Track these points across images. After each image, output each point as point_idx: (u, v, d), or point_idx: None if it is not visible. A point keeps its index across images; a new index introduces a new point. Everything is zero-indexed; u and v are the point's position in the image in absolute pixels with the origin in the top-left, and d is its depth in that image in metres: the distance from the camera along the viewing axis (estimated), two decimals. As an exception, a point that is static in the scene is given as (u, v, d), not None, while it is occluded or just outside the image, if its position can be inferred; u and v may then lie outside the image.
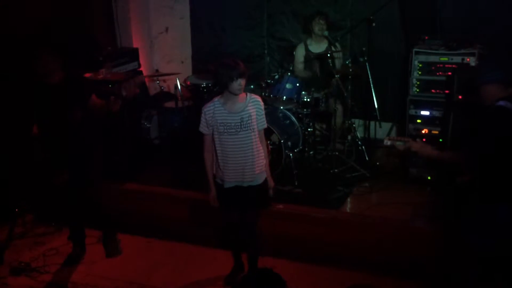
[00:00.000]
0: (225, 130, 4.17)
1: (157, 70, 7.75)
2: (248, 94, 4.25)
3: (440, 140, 5.65)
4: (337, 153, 6.10)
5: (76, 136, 4.73)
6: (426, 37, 5.86)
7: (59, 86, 4.62)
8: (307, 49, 6.53)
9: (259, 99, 4.27)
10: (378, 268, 4.75)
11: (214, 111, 4.19)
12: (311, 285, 4.71)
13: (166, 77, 7.25)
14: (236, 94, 4.13)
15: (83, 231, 5.28)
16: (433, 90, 5.70)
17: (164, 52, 7.96)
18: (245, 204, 4.37)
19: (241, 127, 4.16)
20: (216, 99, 4.23)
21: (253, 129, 4.19)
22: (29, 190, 5.86)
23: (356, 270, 4.81)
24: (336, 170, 5.97)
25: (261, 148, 4.29)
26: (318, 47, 6.50)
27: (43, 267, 5.07)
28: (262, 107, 4.25)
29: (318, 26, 6.37)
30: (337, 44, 6.42)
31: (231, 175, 4.27)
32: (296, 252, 4.90)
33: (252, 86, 5.99)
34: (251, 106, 4.18)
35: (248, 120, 4.16)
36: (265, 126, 4.30)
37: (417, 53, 5.68)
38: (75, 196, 4.96)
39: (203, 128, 4.25)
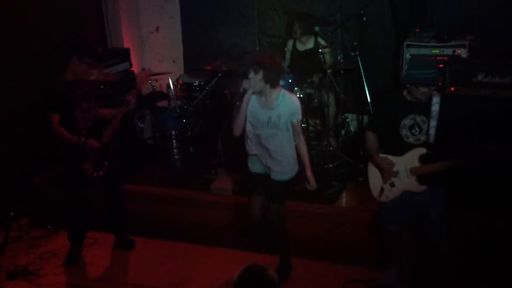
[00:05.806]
0: (254, 123, 4.31)
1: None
2: (283, 91, 4.29)
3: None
4: (331, 148, 6.11)
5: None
6: (417, 30, 5.85)
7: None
8: (294, 47, 6.52)
9: (294, 98, 4.34)
10: (374, 262, 4.77)
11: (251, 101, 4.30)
12: (308, 281, 4.73)
13: (158, 77, 7.20)
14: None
15: (85, 231, 5.27)
16: (425, 83, 5.70)
17: (155, 52, 7.95)
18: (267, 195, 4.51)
19: (268, 125, 4.25)
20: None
21: (281, 128, 4.25)
22: (24, 192, 5.85)
23: (351, 265, 4.83)
24: (330, 165, 5.98)
25: (291, 146, 4.37)
26: (303, 45, 6.46)
27: (40, 270, 5.07)
28: (296, 104, 4.27)
29: (295, 31, 6.37)
30: (320, 40, 6.35)
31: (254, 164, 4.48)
32: (292, 248, 4.90)
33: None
34: (283, 106, 4.23)
35: (277, 119, 4.23)
36: (299, 118, 4.31)
37: (408, 46, 5.66)
38: (88, 195, 5.00)
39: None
